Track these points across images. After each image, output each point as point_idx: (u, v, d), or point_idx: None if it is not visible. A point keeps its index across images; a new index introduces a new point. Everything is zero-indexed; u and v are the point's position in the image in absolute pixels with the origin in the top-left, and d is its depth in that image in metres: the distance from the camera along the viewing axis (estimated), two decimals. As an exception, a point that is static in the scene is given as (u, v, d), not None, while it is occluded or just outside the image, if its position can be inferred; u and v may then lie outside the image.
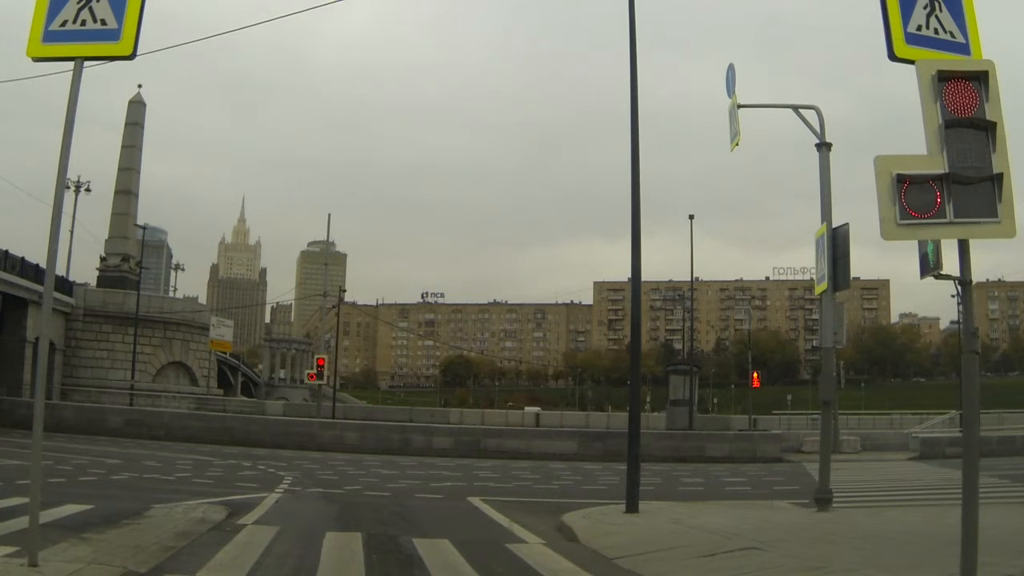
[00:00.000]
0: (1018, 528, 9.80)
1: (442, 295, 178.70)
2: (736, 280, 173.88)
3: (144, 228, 51.55)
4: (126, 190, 50.18)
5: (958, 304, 31.97)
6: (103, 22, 6.92)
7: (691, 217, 42.45)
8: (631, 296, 14.56)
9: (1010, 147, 6.05)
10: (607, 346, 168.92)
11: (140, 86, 52.52)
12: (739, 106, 13.37)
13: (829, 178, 13.19)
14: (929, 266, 7.90)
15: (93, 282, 50.59)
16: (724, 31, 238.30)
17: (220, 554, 7.98)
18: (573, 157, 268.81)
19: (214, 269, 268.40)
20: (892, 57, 6.67)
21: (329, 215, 60.53)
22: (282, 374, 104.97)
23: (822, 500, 12.29)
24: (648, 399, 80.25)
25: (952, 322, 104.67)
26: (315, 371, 38.24)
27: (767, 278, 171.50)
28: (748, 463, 26.61)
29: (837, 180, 13.24)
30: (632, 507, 12.16)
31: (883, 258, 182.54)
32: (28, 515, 6.67)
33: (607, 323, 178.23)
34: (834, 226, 12.52)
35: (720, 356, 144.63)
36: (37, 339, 19.94)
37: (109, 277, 49.37)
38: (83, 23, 6.92)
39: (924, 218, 5.97)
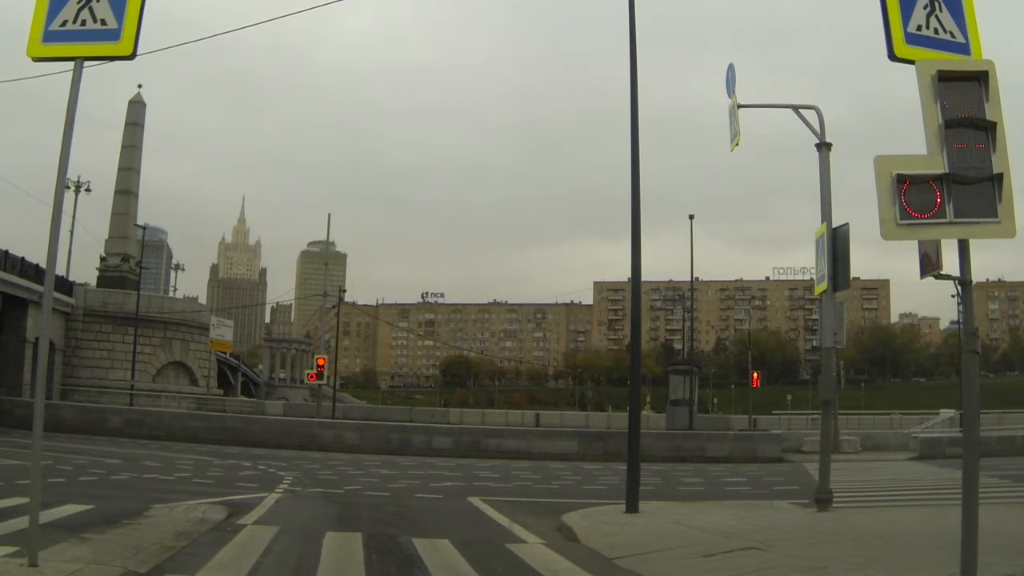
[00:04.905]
0: (1018, 528, 9.80)
1: (442, 295, 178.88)
2: (736, 280, 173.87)
3: (144, 228, 51.55)
4: (126, 190, 50.20)
5: (958, 304, 31.99)
6: (103, 22, 6.92)
7: (691, 217, 42.49)
8: (631, 296, 14.56)
9: (1010, 147, 6.06)
10: (607, 346, 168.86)
11: (140, 86, 52.65)
12: (739, 106, 13.36)
13: (829, 178, 13.18)
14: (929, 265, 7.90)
15: (93, 282, 50.60)
16: (724, 31, 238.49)
17: (220, 554, 7.98)
18: (573, 157, 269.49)
19: (214, 269, 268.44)
20: (892, 57, 6.67)
21: (329, 215, 60.71)
22: (282, 374, 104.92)
23: (822, 500, 12.28)
24: (648, 399, 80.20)
25: (952, 322, 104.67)
26: (315, 371, 38.22)
27: (767, 278, 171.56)
28: (748, 463, 26.59)
29: (837, 180, 13.23)
30: (632, 507, 12.16)
31: (883, 258, 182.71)
32: (28, 515, 6.67)
33: (607, 323, 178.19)
34: (834, 226, 12.50)
35: (720, 356, 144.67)
36: (37, 339, 19.93)
37: (109, 277, 49.37)
38: (83, 23, 6.92)
39: (924, 218, 5.98)
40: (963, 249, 6.23)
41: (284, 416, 44.52)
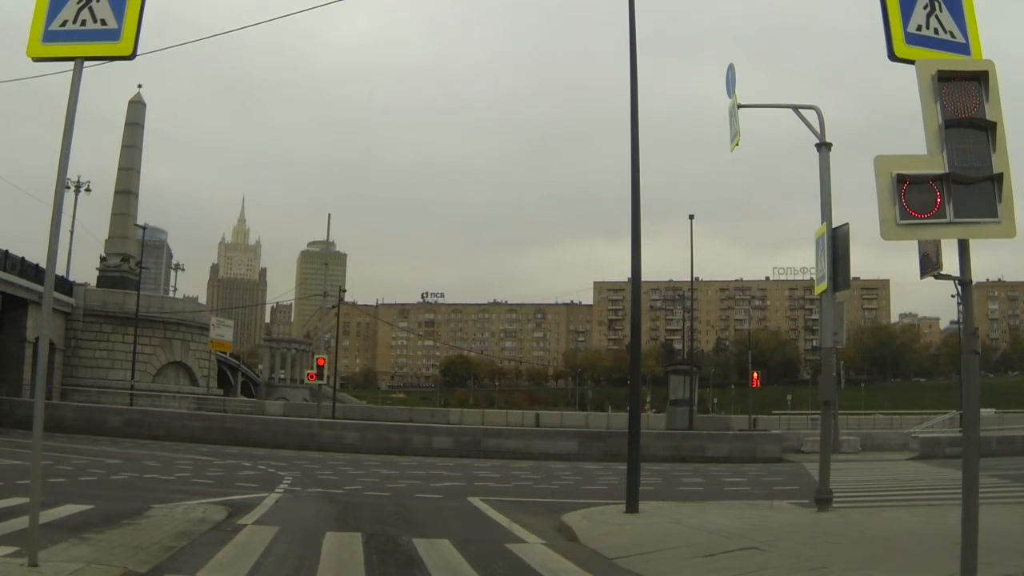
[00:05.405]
0: (1018, 528, 9.80)
1: (442, 295, 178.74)
2: (736, 280, 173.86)
3: (144, 228, 51.52)
4: (126, 190, 50.17)
5: (958, 304, 32.02)
6: (103, 22, 6.92)
7: (691, 217, 42.43)
8: (631, 296, 14.56)
9: (1010, 147, 6.05)
10: (607, 346, 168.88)
11: (140, 86, 52.59)
12: (739, 106, 13.35)
13: (829, 178, 13.17)
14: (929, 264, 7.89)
15: (93, 282, 50.56)
16: (724, 31, 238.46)
17: (220, 554, 7.98)
18: (573, 157, 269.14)
19: (214, 269, 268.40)
20: (892, 57, 6.67)
21: (329, 215, 60.92)
22: (282, 374, 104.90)
23: (822, 500, 12.27)
24: (648, 399, 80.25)
25: (952, 322, 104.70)
26: (315, 371, 38.20)
27: (767, 278, 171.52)
28: (748, 463, 26.59)
29: (837, 180, 13.21)
30: (632, 507, 12.15)
31: (883, 258, 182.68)
32: (28, 515, 6.67)
33: (607, 323, 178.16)
34: (834, 226, 12.50)
35: (720, 356, 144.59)
36: (37, 339, 19.94)
37: (109, 277, 49.35)
38: (83, 23, 6.92)
39: (924, 218, 5.98)
40: (963, 249, 6.23)
41: (284, 416, 44.50)
